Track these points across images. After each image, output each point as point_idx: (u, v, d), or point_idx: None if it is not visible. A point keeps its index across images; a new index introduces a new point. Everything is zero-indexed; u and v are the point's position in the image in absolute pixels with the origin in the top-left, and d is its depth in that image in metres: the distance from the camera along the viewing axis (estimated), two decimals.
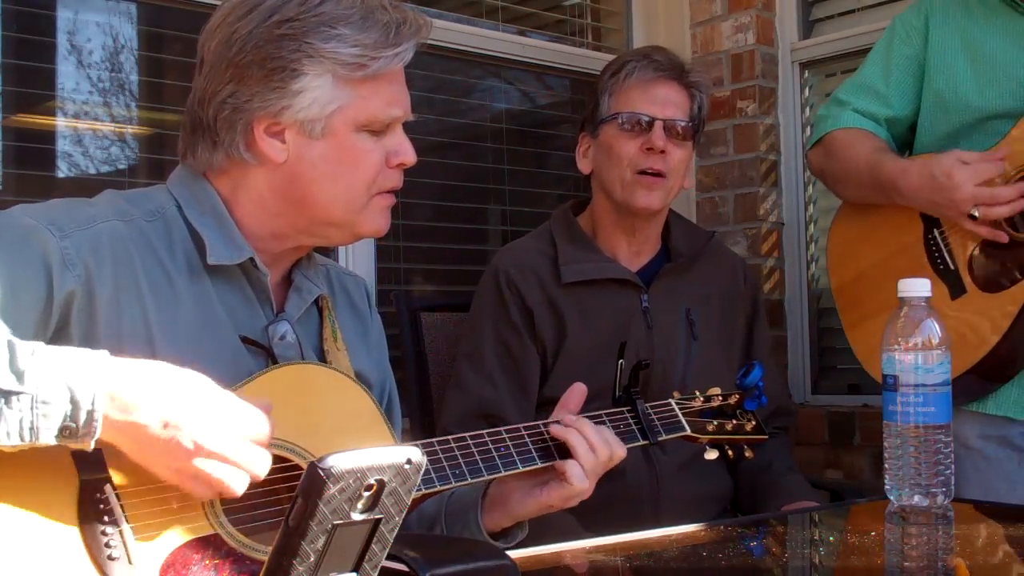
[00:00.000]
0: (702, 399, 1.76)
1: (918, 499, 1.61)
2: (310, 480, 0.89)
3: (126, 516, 1.20)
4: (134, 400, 1.17)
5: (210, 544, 1.25)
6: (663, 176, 2.22)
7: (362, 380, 1.54)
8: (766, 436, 1.81)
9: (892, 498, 1.64)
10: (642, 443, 1.64)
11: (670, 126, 2.23)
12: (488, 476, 1.47)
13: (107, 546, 1.17)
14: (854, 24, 3.13)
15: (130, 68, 2.56)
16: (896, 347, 1.62)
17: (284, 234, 1.50)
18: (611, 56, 2.74)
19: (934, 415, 1.60)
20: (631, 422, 1.65)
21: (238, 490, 1.22)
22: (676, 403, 1.73)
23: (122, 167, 2.60)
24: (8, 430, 1.11)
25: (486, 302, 2.25)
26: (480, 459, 1.47)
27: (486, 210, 3.20)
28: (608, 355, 1.80)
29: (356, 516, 0.92)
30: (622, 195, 2.24)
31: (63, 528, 1.17)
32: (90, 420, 1.14)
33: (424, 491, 1.42)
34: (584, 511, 1.93)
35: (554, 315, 2.21)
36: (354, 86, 1.43)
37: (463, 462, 1.45)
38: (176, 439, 1.18)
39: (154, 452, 1.19)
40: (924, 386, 1.60)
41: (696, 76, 2.31)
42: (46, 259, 1.30)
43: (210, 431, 1.20)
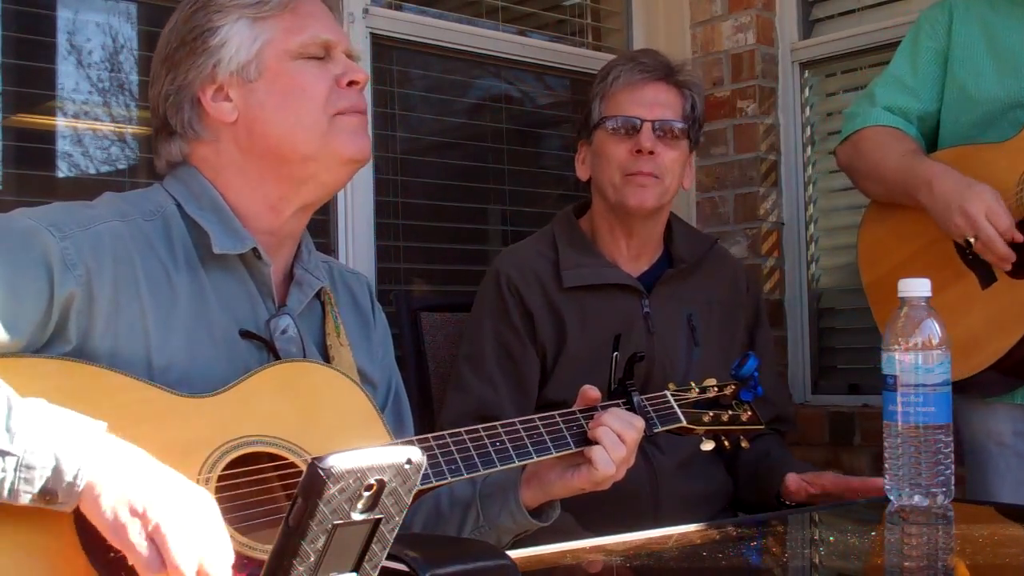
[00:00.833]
0: (698, 390, 1.76)
1: (918, 499, 1.61)
2: (310, 480, 0.89)
3: None
4: (112, 480, 1.13)
5: None
6: (654, 176, 2.22)
7: (364, 377, 1.54)
8: (763, 425, 1.81)
9: (892, 498, 1.65)
10: None
11: (660, 127, 2.23)
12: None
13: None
14: (854, 24, 3.13)
15: (130, 68, 2.56)
16: (896, 347, 1.62)
17: (277, 200, 1.50)
18: (611, 56, 2.74)
19: (934, 415, 1.60)
20: None
21: None
22: (671, 395, 1.72)
23: (122, 167, 2.60)
24: None
25: (487, 304, 2.25)
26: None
27: (486, 210, 3.19)
28: (608, 359, 1.80)
29: (356, 516, 0.92)
30: (615, 197, 2.24)
31: (63, 528, 1.16)
32: (71, 491, 1.12)
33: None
34: (584, 511, 1.93)
35: (554, 319, 2.21)
36: (272, 21, 1.50)
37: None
38: (137, 525, 1.11)
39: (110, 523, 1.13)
40: (924, 386, 1.60)
41: (686, 75, 2.30)
42: (47, 260, 1.30)
43: (176, 532, 1.11)
